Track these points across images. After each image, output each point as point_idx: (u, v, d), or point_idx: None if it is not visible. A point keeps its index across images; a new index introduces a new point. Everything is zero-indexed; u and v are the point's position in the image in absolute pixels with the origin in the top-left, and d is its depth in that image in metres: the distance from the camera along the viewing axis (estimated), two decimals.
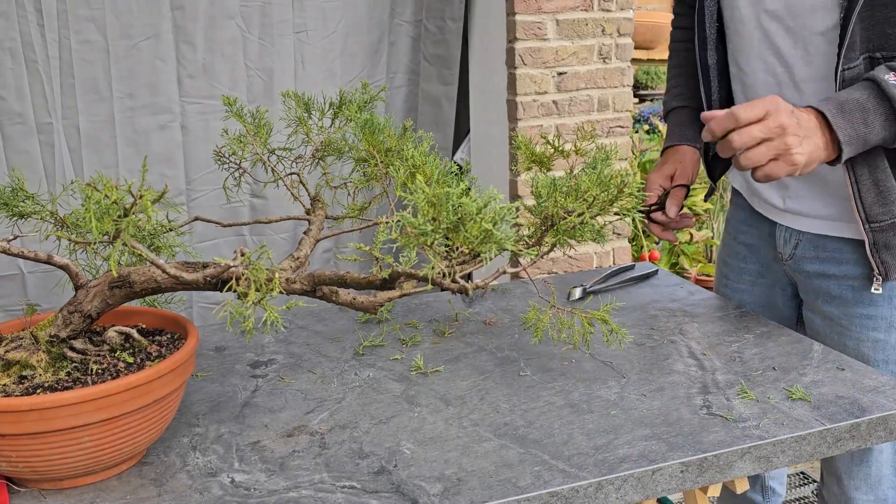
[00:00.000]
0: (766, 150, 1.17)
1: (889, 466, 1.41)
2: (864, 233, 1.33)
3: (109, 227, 0.93)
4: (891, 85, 1.19)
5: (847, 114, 1.20)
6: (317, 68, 2.69)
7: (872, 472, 1.42)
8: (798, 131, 1.18)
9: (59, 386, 1.01)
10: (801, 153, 1.18)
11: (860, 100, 1.21)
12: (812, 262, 1.46)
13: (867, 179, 1.31)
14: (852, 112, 1.20)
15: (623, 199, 1.09)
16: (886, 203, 1.31)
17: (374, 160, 1.27)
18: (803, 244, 1.47)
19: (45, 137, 2.41)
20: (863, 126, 1.20)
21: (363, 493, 0.99)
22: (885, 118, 1.21)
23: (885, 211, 1.31)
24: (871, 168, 1.30)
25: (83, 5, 2.36)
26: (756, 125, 1.17)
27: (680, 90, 1.65)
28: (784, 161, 1.18)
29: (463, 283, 1.02)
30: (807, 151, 1.19)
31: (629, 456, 1.06)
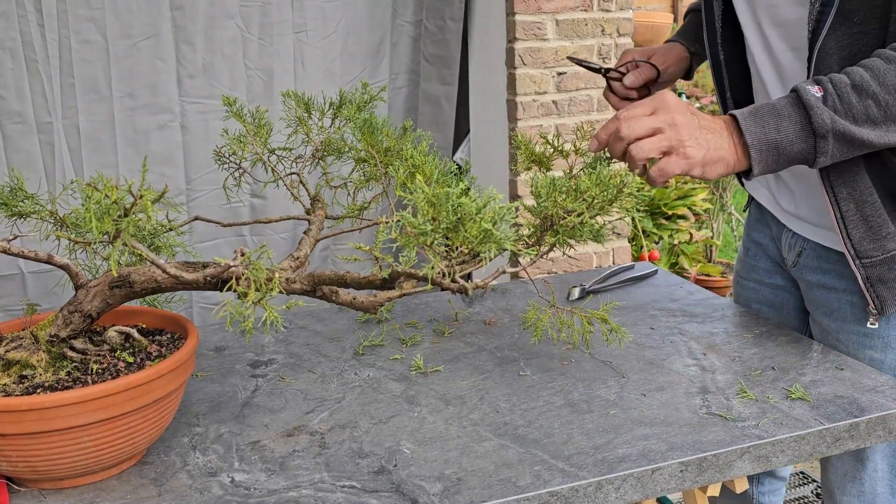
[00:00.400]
0: (658, 141, 1.12)
1: (884, 484, 1.39)
2: (855, 268, 1.28)
3: (109, 227, 0.93)
4: (811, 94, 1.14)
5: (759, 117, 1.15)
6: (317, 68, 2.69)
7: (866, 488, 1.39)
8: (691, 125, 1.13)
9: (60, 386, 1.01)
10: (696, 147, 1.13)
11: (776, 105, 1.15)
12: (815, 273, 1.43)
13: (855, 216, 1.25)
14: (765, 117, 1.14)
15: (622, 199, 1.09)
16: (878, 238, 1.25)
17: (374, 160, 1.27)
18: (807, 252, 1.44)
19: (45, 137, 2.41)
20: (774, 132, 1.14)
21: (363, 493, 0.99)
22: (801, 127, 1.14)
23: (876, 247, 1.26)
24: (859, 204, 1.24)
25: (83, 5, 2.36)
26: (645, 116, 1.13)
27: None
28: (678, 155, 1.13)
29: (462, 283, 1.02)
30: (703, 146, 1.13)
31: (629, 455, 1.06)
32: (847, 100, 1.14)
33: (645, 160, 1.13)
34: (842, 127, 1.14)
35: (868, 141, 1.15)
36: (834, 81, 1.15)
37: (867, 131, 1.15)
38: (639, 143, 1.13)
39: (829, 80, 1.16)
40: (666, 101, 1.15)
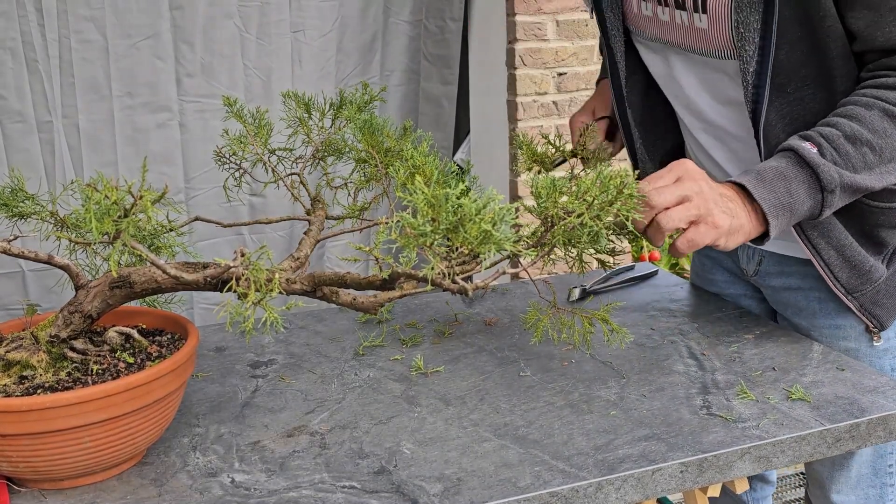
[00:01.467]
0: (686, 210, 1.09)
1: (868, 466, 1.41)
2: (848, 302, 1.31)
3: (109, 228, 0.93)
4: (810, 152, 1.14)
5: (768, 183, 1.14)
6: (313, 67, 2.70)
7: (853, 474, 1.41)
8: (715, 192, 1.12)
9: (60, 386, 1.01)
10: (723, 215, 1.11)
11: (779, 168, 1.15)
12: (778, 277, 1.45)
13: (837, 260, 1.28)
14: (773, 181, 1.14)
15: (622, 200, 1.09)
16: (863, 274, 1.29)
17: (374, 160, 1.27)
18: (767, 260, 1.46)
19: (45, 136, 2.42)
20: (786, 195, 1.14)
21: (363, 493, 0.99)
22: (809, 185, 1.14)
23: (863, 280, 1.30)
24: (838, 249, 1.27)
25: (83, 5, 2.37)
26: (672, 186, 1.10)
27: None
28: (706, 223, 1.10)
29: (462, 284, 1.02)
30: (729, 214, 1.12)
31: (629, 456, 1.06)
32: (844, 151, 1.15)
33: (673, 230, 1.11)
34: (848, 179, 1.15)
35: (870, 186, 1.18)
36: (824, 135, 1.16)
37: (867, 177, 1.17)
38: (667, 213, 1.09)
39: (819, 133, 1.17)
40: (688, 168, 1.13)
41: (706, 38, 1.26)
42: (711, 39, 1.26)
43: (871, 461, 1.41)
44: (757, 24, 1.18)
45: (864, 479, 1.41)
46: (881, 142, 1.15)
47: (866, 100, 1.17)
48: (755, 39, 1.19)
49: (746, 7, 1.18)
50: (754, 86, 1.21)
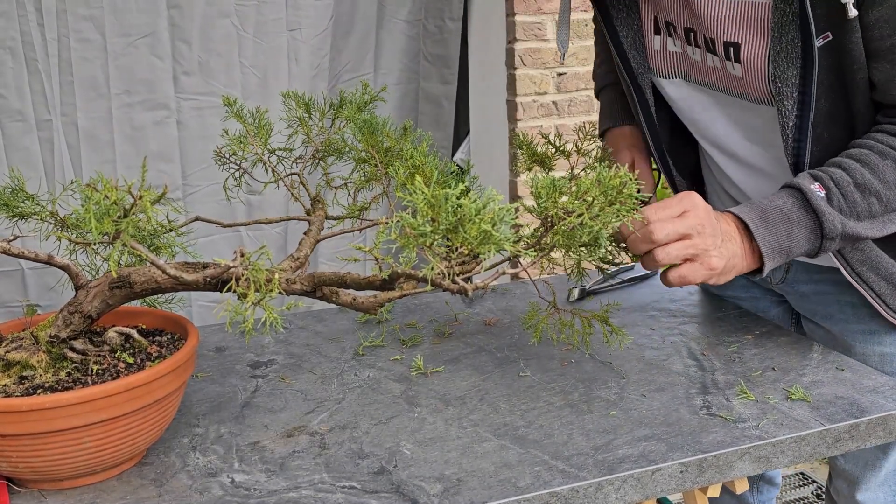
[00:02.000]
0: (684, 247, 1.10)
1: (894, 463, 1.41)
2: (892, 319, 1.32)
3: (109, 228, 0.93)
4: (818, 196, 1.14)
5: (771, 225, 1.14)
6: (308, 65, 2.71)
7: (881, 473, 1.42)
8: (716, 232, 1.12)
9: (60, 386, 1.01)
10: (720, 256, 1.11)
11: (784, 210, 1.14)
12: (807, 284, 1.44)
13: (887, 289, 1.29)
14: (776, 223, 1.14)
15: (622, 200, 1.09)
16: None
17: (374, 160, 1.27)
18: (795, 268, 1.45)
19: (44, 134, 2.43)
20: (787, 239, 1.14)
21: (363, 494, 0.99)
22: (811, 231, 1.15)
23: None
24: (887, 278, 1.28)
25: (82, 4, 2.37)
26: (676, 220, 1.10)
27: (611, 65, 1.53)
28: (701, 263, 1.11)
29: (462, 284, 1.02)
30: (725, 255, 1.12)
31: (629, 456, 1.06)
32: (851, 199, 1.15)
33: (667, 265, 1.12)
34: (850, 229, 1.15)
35: (871, 236, 1.18)
36: (836, 180, 1.16)
37: (868, 226, 1.17)
38: (665, 248, 1.10)
39: (830, 177, 1.16)
40: (695, 203, 1.12)
41: (741, 83, 1.25)
42: (746, 86, 1.24)
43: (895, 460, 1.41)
44: (795, 79, 1.17)
45: (891, 476, 1.41)
46: (889, 193, 1.15)
47: (882, 147, 1.16)
48: (794, 94, 1.18)
49: (784, 61, 1.17)
50: (794, 139, 1.21)
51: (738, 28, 1.21)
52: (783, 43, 1.16)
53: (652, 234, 1.09)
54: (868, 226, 1.16)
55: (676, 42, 1.32)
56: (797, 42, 1.15)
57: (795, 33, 1.15)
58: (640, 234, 1.11)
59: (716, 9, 1.22)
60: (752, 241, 1.15)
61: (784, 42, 1.16)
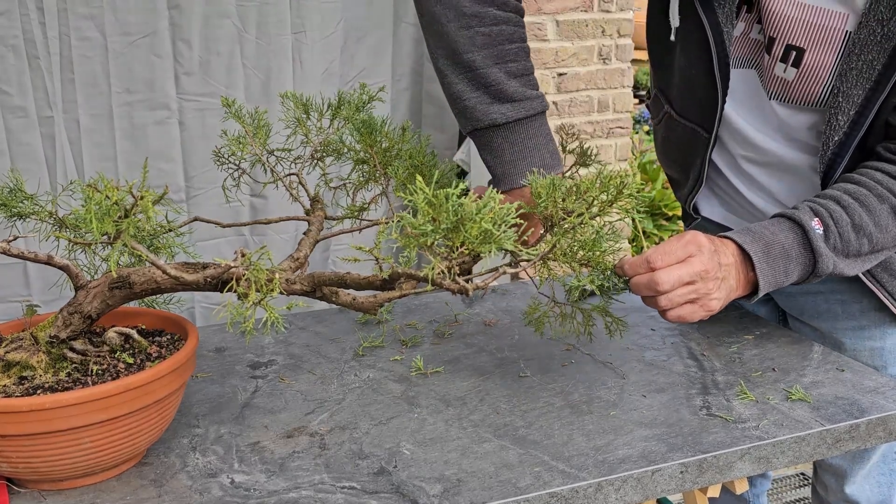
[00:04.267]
0: (686, 293, 1.11)
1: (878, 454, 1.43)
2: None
3: (110, 228, 0.93)
4: (817, 236, 1.15)
5: (772, 259, 1.16)
6: (315, 68, 2.69)
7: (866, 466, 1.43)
8: (718, 274, 1.13)
9: (60, 387, 1.01)
10: (718, 299, 1.14)
11: (786, 246, 1.16)
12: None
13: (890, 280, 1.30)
14: (777, 259, 1.16)
15: (623, 200, 1.09)
16: None
17: (373, 161, 1.27)
18: None
19: (46, 130, 2.45)
20: (783, 275, 1.17)
21: (363, 494, 0.99)
22: (805, 268, 1.17)
23: None
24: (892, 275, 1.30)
25: (82, 4, 2.39)
26: (681, 265, 1.11)
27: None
28: (701, 306, 1.13)
29: (463, 284, 1.02)
30: (723, 296, 1.14)
31: (629, 457, 1.06)
32: (846, 238, 1.17)
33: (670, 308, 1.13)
34: (838, 268, 1.18)
35: (851, 273, 1.21)
36: (835, 218, 1.17)
37: (853, 264, 1.20)
38: (669, 295, 1.11)
39: (829, 214, 1.17)
40: (700, 245, 1.12)
41: (786, 86, 1.23)
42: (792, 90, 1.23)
43: (880, 450, 1.42)
44: (860, 98, 1.16)
45: (875, 468, 1.42)
46: (880, 236, 1.17)
47: (881, 190, 1.16)
48: (850, 111, 1.17)
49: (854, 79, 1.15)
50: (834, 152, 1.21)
51: (805, 34, 1.19)
52: (860, 62, 1.14)
53: (658, 285, 1.10)
54: (853, 263, 1.19)
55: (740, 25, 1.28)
56: (876, 65, 1.13)
57: (878, 55, 1.13)
58: (646, 281, 1.11)
59: (784, 8, 1.19)
60: (749, 272, 1.16)
61: (861, 61, 1.14)
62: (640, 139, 5.10)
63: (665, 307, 1.12)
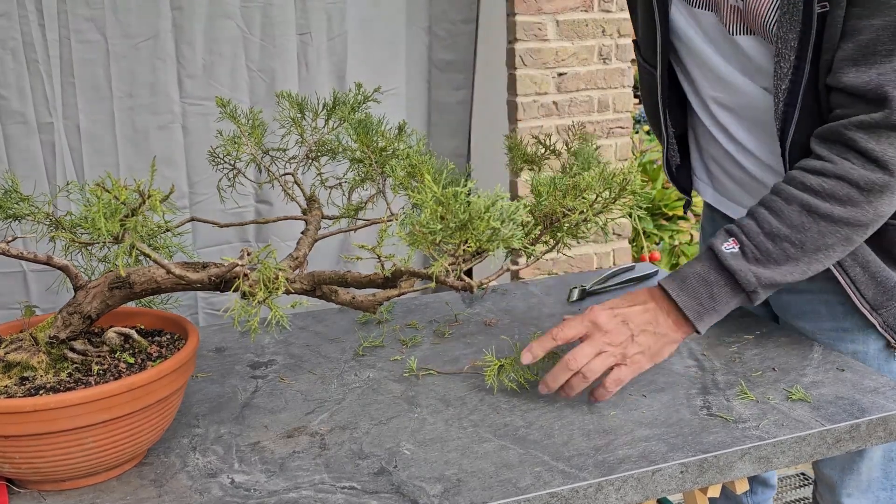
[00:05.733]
0: (604, 360, 1.16)
1: (878, 469, 1.41)
2: (872, 318, 1.32)
3: (117, 228, 0.93)
4: (728, 255, 1.18)
5: (691, 290, 1.19)
6: (321, 71, 2.68)
7: (863, 477, 1.41)
8: (626, 337, 1.17)
9: (62, 387, 1.01)
10: (640, 354, 1.17)
11: (702, 273, 1.19)
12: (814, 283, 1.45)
13: (863, 277, 1.29)
14: (696, 288, 1.19)
15: (625, 197, 1.09)
16: (888, 290, 1.30)
17: (369, 160, 1.27)
18: None
19: (45, 136, 2.42)
20: (709, 300, 1.18)
21: (363, 494, 0.99)
22: (731, 288, 1.18)
23: (888, 297, 1.30)
24: (863, 266, 1.29)
25: (83, 5, 2.36)
26: (584, 344, 1.16)
27: None
28: (626, 365, 1.17)
29: (468, 281, 1.02)
30: (645, 348, 1.17)
31: (629, 457, 1.06)
32: (764, 248, 1.18)
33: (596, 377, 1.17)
34: (767, 279, 1.18)
35: (793, 280, 1.20)
36: (746, 231, 1.19)
37: (790, 269, 1.19)
38: (587, 366, 1.16)
39: (742, 230, 1.20)
40: (597, 322, 1.17)
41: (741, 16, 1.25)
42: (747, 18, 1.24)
43: (881, 464, 1.40)
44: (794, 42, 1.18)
45: (875, 483, 1.41)
46: (800, 236, 1.17)
47: (790, 191, 1.19)
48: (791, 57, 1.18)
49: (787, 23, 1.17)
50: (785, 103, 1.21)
51: None
52: (788, 4, 1.17)
53: (569, 364, 1.15)
54: (791, 269, 1.19)
55: None
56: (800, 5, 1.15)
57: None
58: (558, 366, 1.17)
59: None
60: (675, 308, 1.19)
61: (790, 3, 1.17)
62: (641, 139, 5.10)
63: (591, 378, 1.16)
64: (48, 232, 1.12)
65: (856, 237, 1.19)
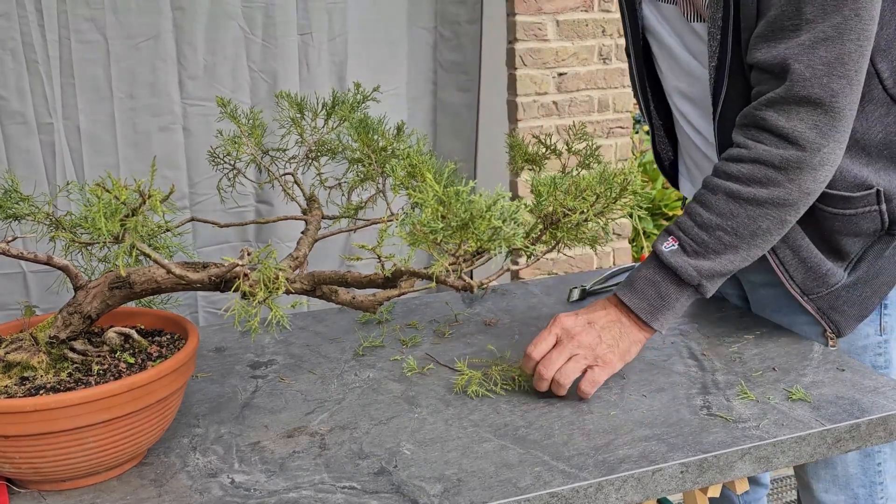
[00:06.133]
0: (575, 363, 1.19)
1: (856, 465, 1.41)
2: (804, 303, 1.34)
3: (117, 228, 0.93)
4: (667, 254, 1.21)
5: (639, 291, 1.22)
6: (323, 71, 2.67)
7: (839, 472, 1.41)
8: (593, 338, 1.20)
9: (62, 387, 1.01)
10: (610, 352, 1.20)
11: (647, 275, 1.23)
12: (757, 273, 1.45)
13: (793, 260, 1.31)
14: (644, 289, 1.22)
15: (625, 198, 1.09)
16: (818, 277, 1.31)
17: (370, 160, 1.27)
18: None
19: (45, 137, 2.41)
20: (659, 299, 1.21)
21: (363, 494, 0.99)
22: (676, 284, 1.21)
23: (819, 283, 1.32)
24: (794, 249, 1.30)
25: (83, 5, 2.36)
26: (553, 351, 1.20)
27: None
28: (599, 366, 1.19)
29: (468, 281, 1.02)
30: (614, 347, 1.21)
31: (629, 456, 1.06)
32: (700, 240, 1.21)
33: (571, 383, 1.19)
34: (707, 269, 1.21)
35: (736, 267, 1.22)
36: (682, 227, 1.23)
37: (730, 258, 1.21)
38: (560, 372, 1.19)
39: (678, 227, 1.23)
40: (565, 326, 1.22)
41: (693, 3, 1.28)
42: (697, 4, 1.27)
43: (858, 461, 1.40)
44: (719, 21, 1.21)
45: (854, 479, 1.41)
46: (731, 223, 1.19)
47: (714, 182, 1.21)
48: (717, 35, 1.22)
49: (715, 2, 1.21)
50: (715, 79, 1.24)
51: None
52: None
53: (543, 374, 1.19)
54: (731, 257, 1.21)
55: None
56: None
57: None
58: (534, 377, 1.21)
59: None
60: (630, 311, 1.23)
61: None
62: (641, 139, 5.10)
63: (566, 383, 1.19)
64: (48, 232, 1.12)
65: (788, 217, 1.20)
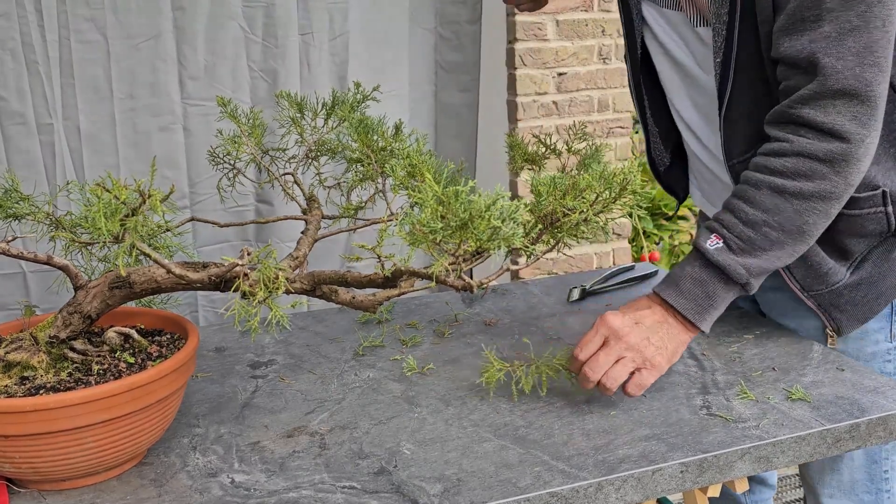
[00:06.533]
0: (623, 366, 1.16)
1: (862, 471, 1.40)
2: (805, 300, 1.33)
3: (117, 228, 0.93)
4: (714, 251, 1.19)
5: (686, 292, 1.19)
6: (324, 71, 2.67)
7: (845, 478, 1.41)
8: (643, 339, 1.17)
9: (62, 387, 1.01)
10: (659, 355, 1.17)
11: (693, 275, 1.20)
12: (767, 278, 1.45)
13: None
14: (691, 290, 1.19)
15: (625, 197, 1.09)
16: (820, 275, 1.30)
17: (369, 160, 1.27)
18: None
19: (45, 137, 2.41)
20: (707, 299, 1.19)
21: (363, 494, 0.99)
22: (724, 283, 1.19)
23: (820, 282, 1.31)
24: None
25: (83, 5, 2.36)
26: (601, 352, 1.17)
27: None
28: (647, 369, 1.17)
29: (468, 281, 1.02)
30: (663, 349, 1.18)
31: (629, 456, 1.06)
32: (747, 237, 1.19)
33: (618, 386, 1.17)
34: (755, 267, 1.19)
35: (782, 263, 1.21)
36: (725, 224, 1.20)
37: (777, 254, 1.20)
38: (608, 375, 1.16)
39: (721, 224, 1.21)
40: (612, 327, 1.18)
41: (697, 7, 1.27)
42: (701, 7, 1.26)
43: (865, 466, 1.40)
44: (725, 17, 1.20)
45: (860, 485, 1.40)
46: (777, 218, 1.18)
47: (756, 177, 1.19)
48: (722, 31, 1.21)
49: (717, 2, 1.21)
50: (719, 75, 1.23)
51: None
52: None
53: (589, 376, 1.17)
54: (778, 253, 1.19)
55: None
56: None
57: None
58: (580, 377, 1.18)
59: None
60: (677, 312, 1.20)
61: None
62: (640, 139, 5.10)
63: (612, 386, 1.16)
64: (48, 232, 1.12)
65: (832, 210, 1.19)
